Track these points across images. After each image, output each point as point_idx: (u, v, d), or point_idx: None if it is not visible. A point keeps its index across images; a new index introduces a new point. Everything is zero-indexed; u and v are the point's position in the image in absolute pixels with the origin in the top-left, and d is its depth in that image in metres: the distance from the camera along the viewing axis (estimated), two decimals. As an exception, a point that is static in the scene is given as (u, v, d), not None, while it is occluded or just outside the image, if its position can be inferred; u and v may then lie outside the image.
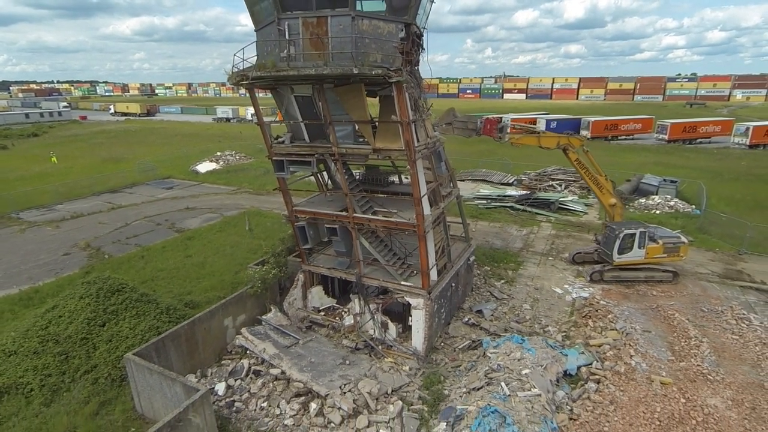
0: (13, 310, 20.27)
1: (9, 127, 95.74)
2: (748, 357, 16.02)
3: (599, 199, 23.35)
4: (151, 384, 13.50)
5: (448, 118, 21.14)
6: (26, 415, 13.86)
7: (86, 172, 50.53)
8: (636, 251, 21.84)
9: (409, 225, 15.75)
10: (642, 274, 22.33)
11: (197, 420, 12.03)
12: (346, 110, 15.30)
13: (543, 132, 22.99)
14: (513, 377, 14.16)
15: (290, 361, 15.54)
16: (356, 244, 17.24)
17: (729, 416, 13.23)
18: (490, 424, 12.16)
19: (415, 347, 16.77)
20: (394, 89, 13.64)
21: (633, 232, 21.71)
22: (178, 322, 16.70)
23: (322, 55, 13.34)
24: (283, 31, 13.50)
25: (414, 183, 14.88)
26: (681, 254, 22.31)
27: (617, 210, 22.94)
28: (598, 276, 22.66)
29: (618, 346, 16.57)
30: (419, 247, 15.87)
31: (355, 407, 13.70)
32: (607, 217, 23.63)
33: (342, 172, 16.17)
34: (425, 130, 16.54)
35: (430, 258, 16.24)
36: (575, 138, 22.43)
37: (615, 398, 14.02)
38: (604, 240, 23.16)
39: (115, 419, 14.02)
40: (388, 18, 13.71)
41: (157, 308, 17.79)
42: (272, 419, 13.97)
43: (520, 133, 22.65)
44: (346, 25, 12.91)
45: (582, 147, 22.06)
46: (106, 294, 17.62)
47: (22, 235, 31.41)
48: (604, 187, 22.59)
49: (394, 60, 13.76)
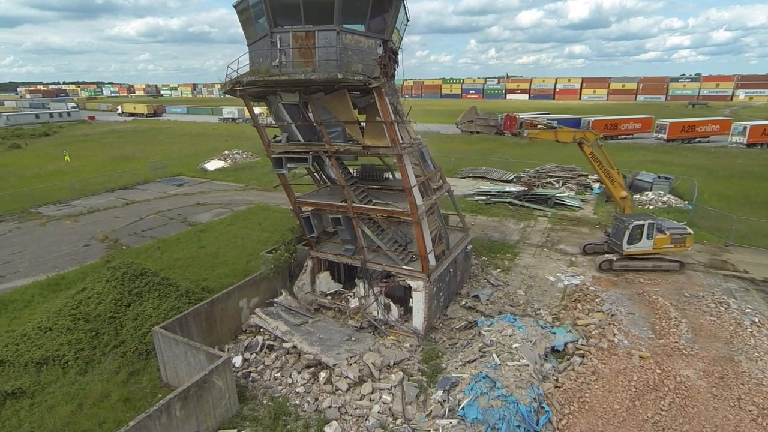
0: (43, 294, 21.83)
1: (21, 127, 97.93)
2: (722, 335, 17.34)
3: (611, 192, 24.47)
4: (177, 354, 14.98)
5: (470, 115, 22.75)
6: (64, 383, 15.40)
7: (99, 170, 52.24)
8: (645, 242, 22.86)
9: (403, 213, 17.27)
10: (650, 264, 23.35)
11: (220, 383, 13.49)
12: (334, 115, 16.89)
13: (560, 127, 24.01)
14: (504, 350, 15.56)
15: (301, 337, 17.02)
16: (358, 232, 18.69)
17: (699, 384, 14.58)
18: (481, 388, 13.56)
19: (416, 327, 18.18)
20: (375, 95, 15.29)
21: (642, 224, 22.73)
22: (197, 303, 18.18)
23: (311, 63, 14.98)
24: (275, 43, 15.13)
25: (404, 175, 16.44)
26: (687, 244, 23.36)
27: (627, 202, 24.18)
28: (608, 265, 23.65)
29: (603, 326, 17.94)
30: (416, 233, 17.32)
31: (360, 376, 15.14)
32: (617, 210, 24.78)
33: (337, 166, 17.68)
34: (407, 132, 18.16)
35: (427, 243, 17.67)
36: (590, 132, 23.64)
37: (597, 369, 15.39)
38: (614, 231, 24.21)
39: (144, 387, 15.54)
40: (368, 35, 15.55)
41: (177, 291, 19.34)
42: (285, 387, 15.42)
43: (538, 129, 23.73)
44: (332, 39, 14.62)
45: (596, 141, 23.26)
46: (130, 278, 19.20)
47: (43, 228, 33.05)
48: (616, 180, 23.82)
49: (374, 70, 15.49)
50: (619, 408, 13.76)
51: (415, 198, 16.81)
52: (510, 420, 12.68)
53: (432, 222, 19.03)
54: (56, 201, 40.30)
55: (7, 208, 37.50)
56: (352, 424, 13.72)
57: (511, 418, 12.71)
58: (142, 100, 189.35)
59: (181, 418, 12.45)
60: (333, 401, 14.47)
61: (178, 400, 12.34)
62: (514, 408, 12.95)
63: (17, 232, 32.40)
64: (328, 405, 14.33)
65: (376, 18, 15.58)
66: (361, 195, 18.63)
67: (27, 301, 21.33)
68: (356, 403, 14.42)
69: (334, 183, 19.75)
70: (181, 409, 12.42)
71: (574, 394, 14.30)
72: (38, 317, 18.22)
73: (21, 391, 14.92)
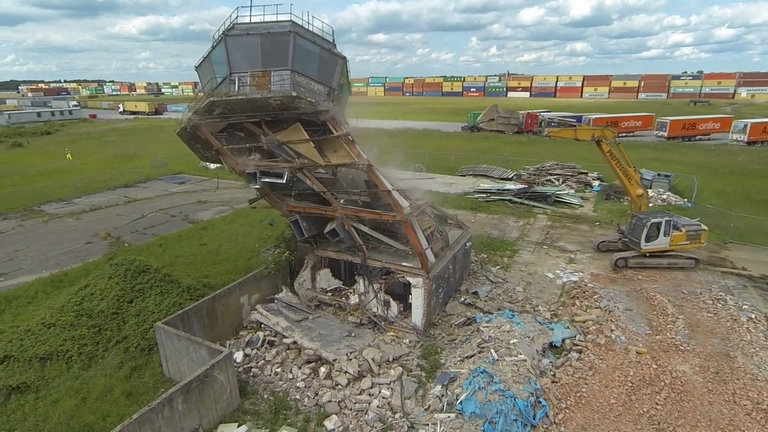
0: (46, 291, 22.06)
1: (22, 126, 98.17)
2: (719, 331, 17.50)
3: (627, 190, 24.60)
4: (179, 349, 15.18)
5: (492, 114, 23.04)
6: (68, 377, 15.61)
7: (100, 168, 52.45)
8: (661, 239, 22.96)
9: (389, 215, 17.58)
10: (665, 261, 23.46)
11: (221, 377, 13.69)
12: (294, 149, 17.17)
13: (579, 125, 24.14)
14: (502, 346, 15.75)
15: (301, 333, 17.21)
16: (352, 231, 18.85)
17: (695, 379, 14.75)
18: (479, 382, 13.74)
19: (415, 323, 18.37)
20: (327, 119, 16.34)
21: (659, 221, 22.79)
22: (198, 299, 18.35)
23: (267, 90, 15.95)
24: (233, 80, 16.17)
25: (377, 182, 17.03)
26: (702, 241, 23.46)
27: (644, 200, 24.29)
28: (623, 263, 23.70)
29: (600, 322, 18.11)
30: (406, 232, 17.57)
31: (360, 371, 15.33)
32: (633, 207, 24.86)
33: (312, 177, 17.91)
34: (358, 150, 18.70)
35: (421, 241, 17.89)
36: (608, 130, 23.70)
37: (594, 365, 15.57)
38: (630, 229, 24.23)
39: (146, 381, 15.74)
40: (317, 81, 16.91)
41: (179, 287, 19.54)
42: (285, 382, 15.61)
43: (559, 127, 24.02)
44: (286, 76, 15.96)
45: (614, 139, 23.44)
46: (132, 274, 19.40)
47: (45, 226, 33.29)
48: (633, 178, 23.96)
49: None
50: (615, 402, 13.94)
51: (395, 199, 17.21)
52: (507, 414, 12.86)
53: (424, 221, 19.23)
54: (59, 199, 40.51)
55: (9, 206, 37.74)
56: (351, 418, 13.91)
57: (509, 412, 12.89)
58: (144, 99, 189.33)
59: (183, 411, 12.65)
60: (333, 396, 14.66)
61: (180, 394, 12.54)
62: (512, 402, 13.14)
63: (20, 229, 32.65)
64: (328, 399, 14.53)
65: (324, 73, 17.13)
66: (339, 196, 19.03)
67: (31, 297, 21.57)
68: (356, 397, 14.61)
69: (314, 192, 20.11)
70: (183, 403, 12.62)
71: (570, 389, 14.47)
72: (42, 313, 18.43)
73: (26, 385, 15.14)
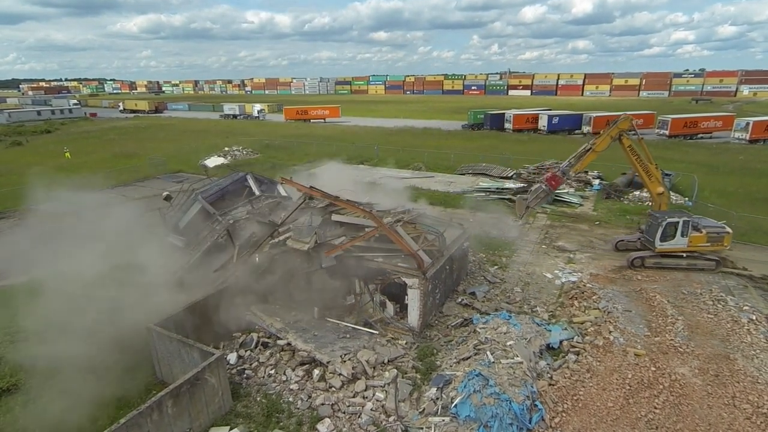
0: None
1: (22, 124, 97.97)
2: (719, 333, 17.25)
3: (647, 188, 24.17)
4: (171, 351, 15.00)
5: (522, 206, 23.82)
6: (59, 380, 15.41)
7: (99, 167, 52.28)
8: (679, 239, 22.56)
9: (370, 225, 17.72)
10: (684, 262, 23.05)
11: (213, 380, 13.50)
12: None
13: (593, 142, 23.42)
14: (498, 348, 15.52)
15: (295, 334, 17.01)
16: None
17: (694, 382, 14.51)
18: (474, 385, 13.53)
19: (411, 324, 18.15)
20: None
21: (676, 221, 22.38)
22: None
23: None
24: None
25: (348, 205, 17.85)
26: (725, 243, 23.02)
27: (664, 199, 23.96)
28: (639, 262, 23.37)
29: (599, 323, 17.87)
30: (392, 238, 17.53)
31: (354, 373, 15.12)
32: (653, 206, 24.48)
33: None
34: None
35: (409, 244, 17.73)
36: (622, 121, 23.21)
37: (592, 367, 15.34)
38: (648, 228, 23.93)
39: (138, 384, 15.54)
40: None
41: (174, 288, 19.33)
42: (279, 384, 15.42)
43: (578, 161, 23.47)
44: None
45: (632, 124, 23.07)
46: (126, 275, 19.21)
47: (42, 225, 33.07)
48: (654, 175, 23.55)
49: None
50: (612, 406, 13.72)
51: (371, 212, 17.58)
52: (502, 418, 12.66)
53: (408, 228, 19.18)
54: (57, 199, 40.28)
55: (8, 205, 37.59)
56: (344, 421, 13.72)
57: (504, 416, 12.69)
58: (144, 97, 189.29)
59: (173, 415, 12.47)
60: (326, 398, 14.46)
61: (169, 398, 12.35)
62: (507, 406, 12.93)
63: (18, 229, 32.46)
64: (321, 402, 14.33)
65: None
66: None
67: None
68: (349, 400, 14.41)
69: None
70: (173, 406, 12.43)
71: (567, 392, 14.26)
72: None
73: (15, 387, 14.99)
